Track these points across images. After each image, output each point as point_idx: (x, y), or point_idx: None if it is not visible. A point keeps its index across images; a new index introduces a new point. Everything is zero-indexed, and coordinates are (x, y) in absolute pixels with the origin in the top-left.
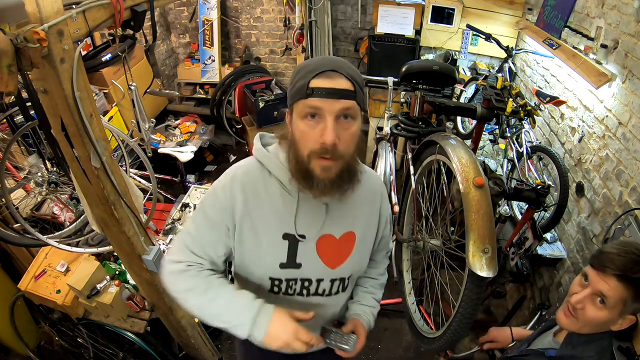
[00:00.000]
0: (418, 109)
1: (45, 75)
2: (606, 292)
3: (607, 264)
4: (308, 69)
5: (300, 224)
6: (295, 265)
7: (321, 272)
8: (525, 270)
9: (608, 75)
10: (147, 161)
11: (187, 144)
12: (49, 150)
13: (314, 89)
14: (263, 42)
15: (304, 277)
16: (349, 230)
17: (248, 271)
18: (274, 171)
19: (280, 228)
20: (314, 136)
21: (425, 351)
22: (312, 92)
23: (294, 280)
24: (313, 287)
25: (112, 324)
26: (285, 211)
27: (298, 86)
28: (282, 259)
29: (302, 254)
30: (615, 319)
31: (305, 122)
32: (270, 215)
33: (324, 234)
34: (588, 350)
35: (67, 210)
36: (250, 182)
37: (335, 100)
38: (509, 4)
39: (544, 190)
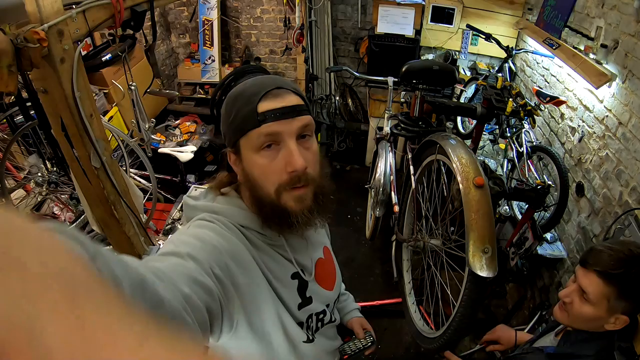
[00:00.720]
0: (418, 109)
1: (45, 75)
2: (586, 287)
3: (589, 260)
4: (249, 93)
5: (298, 262)
6: (308, 300)
7: (327, 299)
8: (525, 270)
9: (608, 75)
10: (147, 161)
11: (187, 144)
12: (49, 150)
13: (265, 114)
14: (263, 42)
15: (318, 311)
16: (324, 245)
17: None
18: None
19: (287, 269)
20: (277, 167)
21: (425, 351)
22: (264, 118)
23: (310, 318)
24: (327, 317)
25: None
26: (279, 255)
27: (243, 115)
28: (298, 299)
29: (309, 287)
30: (603, 316)
31: (262, 155)
32: (274, 259)
33: (316, 259)
34: (586, 349)
35: (67, 210)
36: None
37: (292, 120)
38: (509, 4)
39: (544, 190)
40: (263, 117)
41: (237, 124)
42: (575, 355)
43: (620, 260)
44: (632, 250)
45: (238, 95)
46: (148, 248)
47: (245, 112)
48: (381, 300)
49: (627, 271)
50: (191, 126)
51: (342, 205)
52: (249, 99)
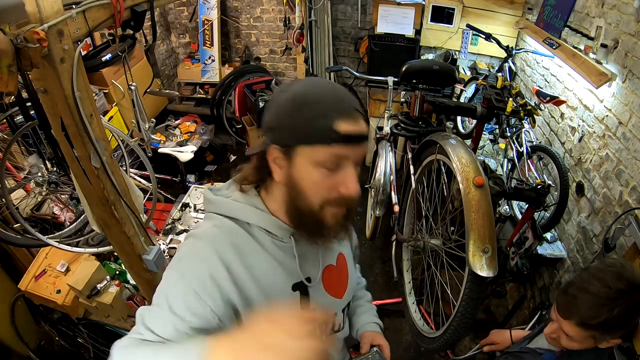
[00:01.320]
0: (418, 109)
1: (45, 75)
2: (569, 333)
3: (566, 312)
4: (326, 105)
5: (303, 267)
6: None
7: (334, 306)
8: (525, 270)
9: (608, 74)
10: (147, 161)
11: (187, 144)
12: (49, 150)
13: (342, 135)
14: (263, 42)
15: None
16: (339, 253)
17: None
18: (257, 222)
19: (288, 280)
20: (330, 185)
21: (425, 351)
22: (340, 139)
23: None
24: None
25: (113, 324)
26: (286, 259)
27: (316, 126)
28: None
29: (315, 297)
30: (593, 345)
31: (320, 171)
32: (274, 269)
33: (325, 266)
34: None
35: (67, 210)
36: (239, 238)
37: (361, 146)
38: (509, 4)
39: (544, 190)
40: (339, 138)
41: (304, 132)
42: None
43: (598, 307)
44: (610, 288)
45: (309, 99)
46: (148, 248)
47: (320, 124)
48: (381, 300)
49: (607, 317)
50: (191, 126)
51: None
52: (325, 111)
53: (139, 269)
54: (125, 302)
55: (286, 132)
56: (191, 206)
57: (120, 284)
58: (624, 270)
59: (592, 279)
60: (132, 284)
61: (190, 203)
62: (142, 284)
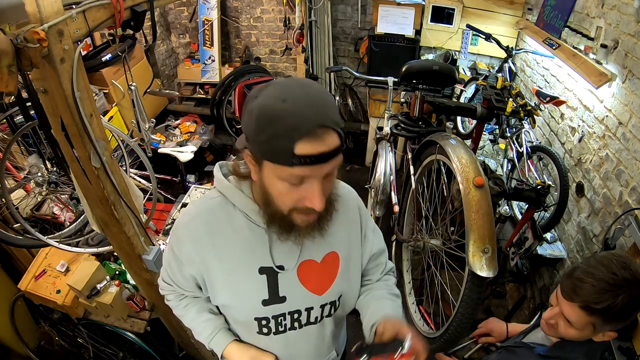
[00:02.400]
0: (418, 109)
1: (45, 75)
2: (570, 317)
3: (570, 293)
4: (288, 124)
5: (276, 254)
6: (279, 299)
7: (309, 301)
8: (525, 270)
9: (608, 75)
10: (147, 161)
11: (187, 144)
12: (49, 150)
13: (301, 158)
14: (263, 42)
15: (292, 310)
16: (330, 251)
17: (231, 315)
18: (239, 204)
19: (255, 262)
20: (295, 197)
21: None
22: (299, 162)
23: (282, 316)
24: (304, 318)
25: (112, 324)
26: (257, 243)
27: (276, 146)
28: (264, 296)
29: (285, 285)
30: (590, 335)
31: (285, 185)
32: (241, 251)
33: (304, 260)
34: (576, 352)
35: (67, 210)
36: (214, 219)
37: (325, 164)
38: (509, 4)
39: (544, 190)
40: (298, 161)
41: (267, 150)
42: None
43: (603, 292)
44: (616, 275)
45: (275, 117)
46: (148, 248)
47: (280, 146)
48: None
49: (611, 303)
50: (191, 126)
51: None
52: (286, 132)
53: (138, 269)
54: (125, 302)
55: (253, 144)
56: None
57: (120, 284)
58: (630, 262)
59: (599, 265)
60: (132, 284)
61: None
62: (142, 284)
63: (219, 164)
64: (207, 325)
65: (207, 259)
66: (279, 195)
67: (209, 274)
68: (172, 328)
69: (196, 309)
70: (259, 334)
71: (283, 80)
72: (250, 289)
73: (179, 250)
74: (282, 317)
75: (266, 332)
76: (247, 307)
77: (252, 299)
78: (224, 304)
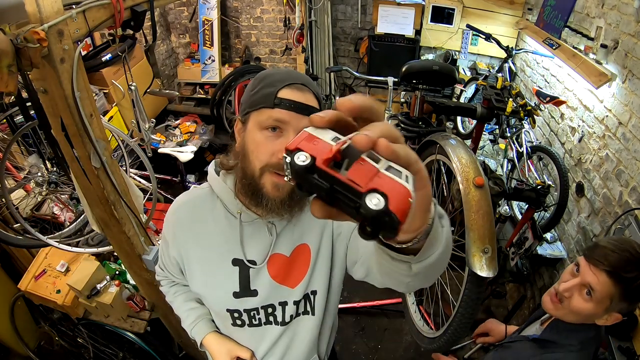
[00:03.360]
0: (418, 109)
1: (45, 75)
2: (594, 285)
3: (600, 259)
4: (276, 78)
5: (248, 248)
6: (250, 292)
7: (282, 295)
8: (525, 270)
9: (608, 75)
10: (147, 161)
11: (187, 144)
12: (49, 150)
13: (282, 100)
14: (263, 42)
15: (265, 304)
16: (299, 244)
17: (207, 305)
18: (218, 192)
19: (229, 253)
20: (270, 149)
21: (425, 351)
22: (280, 103)
23: (255, 310)
24: (279, 313)
25: (112, 324)
26: (232, 235)
27: (263, 93)
28: (235, 288)
29: (256, 279)
30: (600, 313)
31: (263, 133)
32: (218, 240)
33: (272, 254)
34: (571, 339)
35: (67, 210)
36: (199, 206)
37: (302, 117)
38: (509, 4)
39: (544, 190)
40: (279, 102)
41: (255, 99)
42: (558, 344)
43: (630, 262)
44: (638, 251)
45: (267, 76)
46: (148, 248)
47: (266, 92)
48: (381, 300)
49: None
50: (191, 126)
51: None
52: (273, 82)
53: (138, 268)
54: (125, 302)
55: (245, 104)
56: None
57: (120, 284)
58: None
59: (627, 240)
60: (132, 284)
61: None
62: (142, 283)
63: (215, 161)
64: (191, 314)
65: (187, 244)
66: (255, 148)
67: (188, 258)
68: (172, 328)
69: (183, 297)
70: (233, 325)
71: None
72: (222, 280)
73: (167, 231)
74: (254, 311)
75: (240, 324)
76: (219, 297)
77: (223, 289)
78: (198, 293)
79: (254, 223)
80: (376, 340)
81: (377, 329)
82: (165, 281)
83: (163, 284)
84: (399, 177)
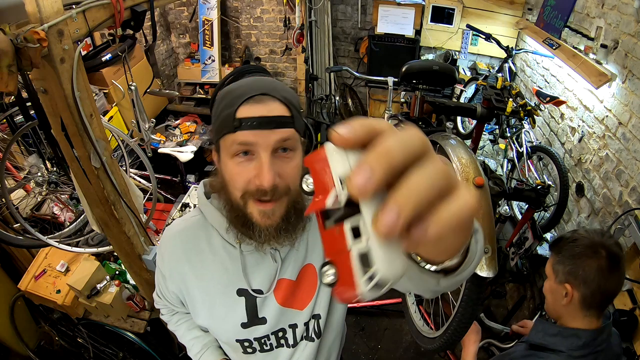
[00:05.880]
0: (418, 109)
1: (45, 75)
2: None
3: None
4: (234, 95)
5: (253, 277)
6: (259, 321)
7: (291, 318)
8: (525, 270)
9: (608, 75)
10: (147, 161)
11: (187, 144)
12: (49, 150)
13: (242, 120)
14: (263, 42)
15: (275, 330)
16: (305, 265)
17: (215, 336)
18: (212, 222)
19: (232, 285)
20: (245, 176)
21: (425, 351)
22: (240, 124)
23: (265, 337)
24: (290, 336)
25: (112, 324)
26: (233, 265)
27: (223, 117)
28: (243, 319)
29: (263, 307)
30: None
31: (235, 161)
32: (218, 271)
33: (278, 279)
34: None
35: (67, 210)
36: (193, 237)
37: (270, 131)
38: (509, 4)
39: (544, 190)
40: (239, 124)
41: (218, 125)
42: (547, 348)
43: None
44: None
45: (226, 94)
46: (148, 248)
47: (225, 114)
48: (381, 300)
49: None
50: (191, 126)
51: None
52: (232, 101)
53: (138, 268)
54: (125, 302)
55: (213, 132)
56: (191, 206)
57: (120, 284)
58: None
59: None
60: (132, 284)
61: (190, 203)
62: (142, 284)
63: (203, 183)
64: (196, 343)
65: (186, 278)
66: (231, 178)
67: (188, 292)
68: None
69: (186, 326)
70: (244, 353)
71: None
72: (228, 312)
73: (162, 265)
74: (265, 338)
75: (251, 352)
76: (227, 330)
77: (231, 321)
78: (204, 326)
79: (256, 251)
80: (376, 340)
81: (377, 329)
82: (165, 310)
83: (163, 312)
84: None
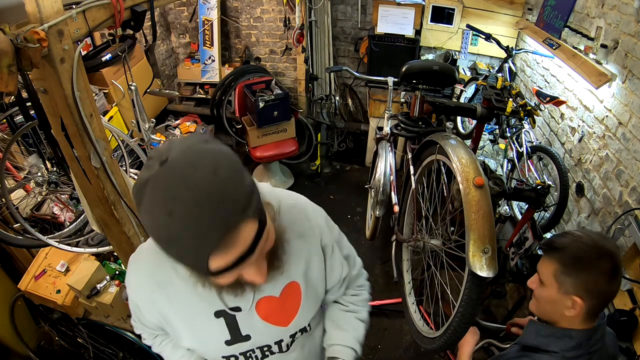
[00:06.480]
0: (418, 109)
1: (45, 75)
2: (540, 269)
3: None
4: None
5: (228, 298)
6: (243, 338)
7: (276, 335)
8: (525, 270)
9: (608, 75)
10: None
11: None
12: (49, 150)
13: (221, 271)
14: (263, 42)
15: (260, 345)
16: (289, 282)
17: (199, 353)
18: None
19: (209, 308)
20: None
21: (425, 351)
22: (219, 273)
23: (250, 351)
24: (275, 348)
25: (112, 324)
26: (205, 289)
27: (190, 265)
28: (226, 337)
29: (246, 324)
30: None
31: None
32: (192, 297)
33: (261, 297)
34: (552, 345)
35: (67, 210)
36: (159, 268)
37: (249, 257)
38: (509, 4)
39: (544, 190)
40: (219, 273)
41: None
42: (541, 349)
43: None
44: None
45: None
46: None
47: (195, 267)
48: (381, 300)
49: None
50: (191, 126)
51: (342, 205)
52: (194, 250)
53: None
54: (125, 302)
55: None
56: None
57: (120, 284)
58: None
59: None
60: None
61: None
62: None
63: None
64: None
65: (160, 306)
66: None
67: (166, 320)
68: None
69: (171, 346)
70: None
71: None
72: (211, 333)
73: (134, 296)
74: (250, 352)
75: None
76: (212, 349)
77: (214, 341)
78: (188, 347)
79: None
80: (376, 340)
81: (377, 329)
82: (146, 334)
83: (145, 336)
84: None
